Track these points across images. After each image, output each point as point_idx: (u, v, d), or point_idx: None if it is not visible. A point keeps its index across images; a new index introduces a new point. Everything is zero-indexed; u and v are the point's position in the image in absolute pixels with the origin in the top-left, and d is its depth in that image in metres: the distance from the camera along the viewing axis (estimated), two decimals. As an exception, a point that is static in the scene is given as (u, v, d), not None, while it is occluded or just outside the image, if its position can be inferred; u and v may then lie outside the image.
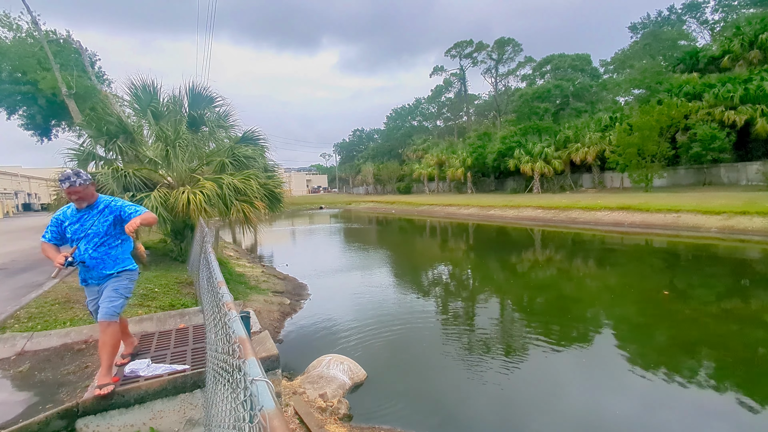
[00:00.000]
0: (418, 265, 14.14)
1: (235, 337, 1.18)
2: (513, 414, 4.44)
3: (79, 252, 3.19)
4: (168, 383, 3.16)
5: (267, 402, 0.71)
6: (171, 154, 8.25)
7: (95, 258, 3.21)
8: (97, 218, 3.24)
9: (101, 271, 3.25)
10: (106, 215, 3.26)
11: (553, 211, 23.80)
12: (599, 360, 5.57)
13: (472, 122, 67.61)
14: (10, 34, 19.84)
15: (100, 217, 3.24)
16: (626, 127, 28.28)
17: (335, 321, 7.46)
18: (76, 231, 3.22)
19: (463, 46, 61.44)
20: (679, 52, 37.23)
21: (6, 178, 39.61)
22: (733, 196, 19.11)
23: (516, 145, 38.43)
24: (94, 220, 3.23)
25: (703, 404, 4.42)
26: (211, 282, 2.85)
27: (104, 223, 3.24)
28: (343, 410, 4.32)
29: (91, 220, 3.23)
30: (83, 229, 3.22)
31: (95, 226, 3.22)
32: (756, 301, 7.73)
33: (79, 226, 3.22)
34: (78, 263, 3.20)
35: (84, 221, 3.24)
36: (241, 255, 14.87)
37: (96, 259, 3.22)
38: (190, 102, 8.88)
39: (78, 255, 3.19)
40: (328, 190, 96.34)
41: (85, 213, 3.25)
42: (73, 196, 3.14)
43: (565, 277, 10.77)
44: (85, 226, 3.22)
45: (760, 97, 24.79)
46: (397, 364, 5.71)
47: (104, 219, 3.25)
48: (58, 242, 3.26)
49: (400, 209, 40.38)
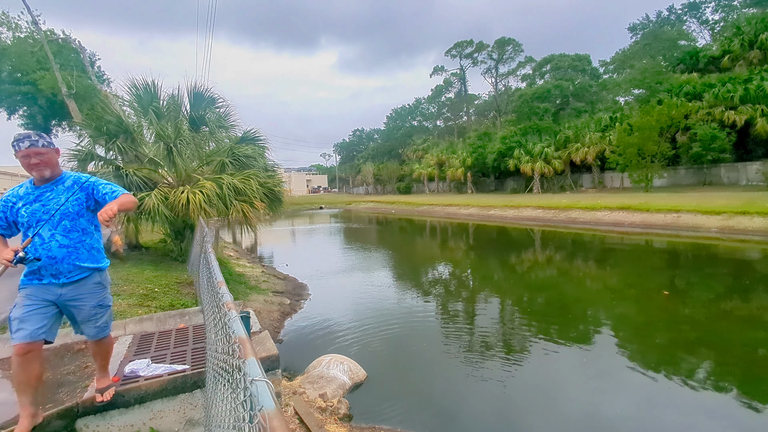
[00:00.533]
0: (418, 265, 14.14)
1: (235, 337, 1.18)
2: (513, 414, 4.43)
3: (35, 246, 2.35)
4: (168, 383, 3.16)
5: (267, 402, 0.71)
6: (174, 152, 8.25)
7: (65, 246, 2.44)
8: (64, 195, 2.46)
9: (73, 262, 2.46)
10: (76, 193, 2.50)
11: (553, 211, 23.80)
12: (599, 360, 5.57)
13: (472, 122, 67.61)
14: (10, 33, 19.84)
15: (68, 195, 2.47)
16: (626, 127, 28.27)
17: (335, 321, 7.45)
18: (35, 213, 2.40)
19: (463, 46, 61.45)
20: (679, 52, 37.22)
21: (6, 178, 39.61)
22: (733, 196, 19.11)
23: (516, 145, 38.43)
24: (61, 197, 2.45)
25: (702, 404, 4.42)
26: (211, 282, 2.85)
27: (75, 202, 2.49)
28: (343, 410, 4.32)
29: (56, 198, 2.45)
30: (46, 210, 2.40)
31: (64, 205, 2.44)
32: (756, 301, 7.73)
33: (40, 206, 2.41)
34: (32, 260, 2.32)
35: (47, 200, 2.43)
36: (241, 255, 14.87)
37: (67, 248, 2.44)
38: (192, 102, 8.88)
39: (32, 250, 2.34)
40: (328, 190, 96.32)
41: (47, 189, 2.46)
42: (33, 160, 2.34)
43: (565, 277, 10.77)
44: (49, 206, 2.42)
45: (760, 97, 24.79)
46: (397, 364, 5.71)
47: (74, 197, 2.49)
48: (5, 232, 2.44)
49: (400, 209, 40.38)
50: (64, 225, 2.43)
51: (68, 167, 8.09)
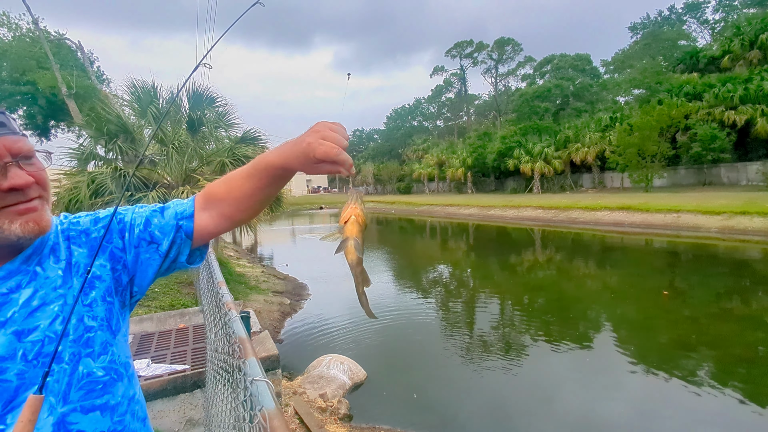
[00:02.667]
0: (418, 265, 14.14)
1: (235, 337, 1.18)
2: (513, 413, 4.43)
3: None
4: (168, 383, 3.16)
5: (267, 402, 0.71)
6: (172, 153, 8.25)
7: None
8: (63, 291, 0.72)
9: None
10: (104, 271, 0.78)
11: (553, 211, 23.79)
12: (599, 360, 5.57)
13: (472, 122, 67.61)
14: (10, 34, 19.86)
15: (73, 284, 0.73)
16: (626, 127, 28.27)
17: (335, 321, 7.45)
18: None
19: (463, 46, 61.48)
20: (679, 52, 37.23)
21: (6, 178, 39.54)
22: (733, 196, 19.10)
23: (516, 145, 38.43)
24: (54, 304, 0.70)
25: (702, 405, 4.41)
26: (211, 282, 2.85)
27: (97, 304, 0.75)
28: (343, 410, 4.32)
29: (50, 298, 0.70)
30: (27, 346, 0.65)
31: (74, 312, 0.71)
32: (756, 302, 7.73)
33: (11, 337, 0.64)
34: None
35: (24, 313, 0.67)
36: (241, 255, 14.87)
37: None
38: (191, 102, 8.88)
39: None
40: (329, 190, 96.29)
41: (20, 273, 0.69)
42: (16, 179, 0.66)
43: (566, 278, 10.76)
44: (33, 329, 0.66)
45: (761, 97, 24.78)
46: (397, 364, 5.71)
47: (98, 274, 0.77)
48: None
49: (400, 209, 40.38)
50: (84, 374, 0.70)
51: (69, 168, 8.09)
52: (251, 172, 0.81)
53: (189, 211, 0.85)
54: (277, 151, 0.79)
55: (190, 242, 0.86)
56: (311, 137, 0.73)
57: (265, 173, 0.80)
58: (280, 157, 0.77)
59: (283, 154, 0.77)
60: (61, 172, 8.02)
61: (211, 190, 0.87)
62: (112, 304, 0.78)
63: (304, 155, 0.73)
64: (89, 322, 0.72)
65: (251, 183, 0.81)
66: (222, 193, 0.84)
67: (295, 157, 0.75)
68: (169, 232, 0.83)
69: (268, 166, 0.79)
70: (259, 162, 0.81)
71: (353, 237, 0.80)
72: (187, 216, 0.85)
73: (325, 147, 0.71)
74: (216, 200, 0.85)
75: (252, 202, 0.84)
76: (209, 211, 0.85)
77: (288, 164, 0.77)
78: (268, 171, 0.80)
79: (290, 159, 0.76)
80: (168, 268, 0.87)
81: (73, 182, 7.74)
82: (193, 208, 0.86)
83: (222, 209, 0.85)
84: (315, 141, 0.72)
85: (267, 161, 0.79)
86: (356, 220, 0.80)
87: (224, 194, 0.84)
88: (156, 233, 0.82)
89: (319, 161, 0.73)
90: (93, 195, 7.15)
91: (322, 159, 0.72)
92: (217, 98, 9.13)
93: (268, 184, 0.82)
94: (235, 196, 0.83)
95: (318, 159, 0.72)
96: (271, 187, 0.83)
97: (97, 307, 0.75)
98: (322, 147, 0.71)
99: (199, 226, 0.85)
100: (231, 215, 0.85)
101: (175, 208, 0.86)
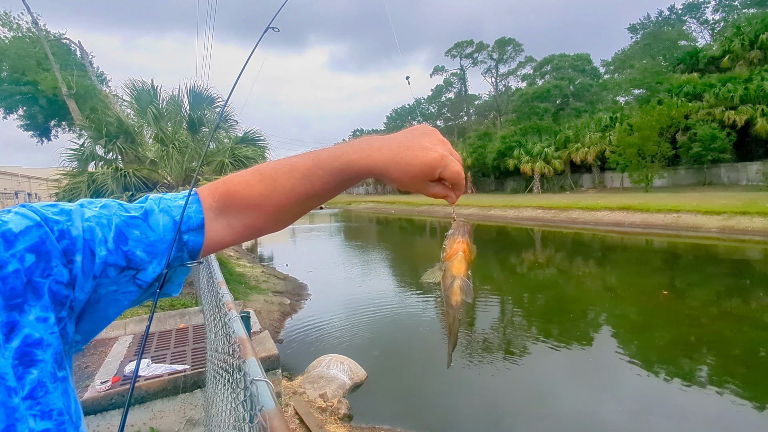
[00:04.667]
0: (418, 265, 14.14)
1: (235, 337, 1.18)
2: (513, 413, 4.43)
3: None
4: (168, 383, 3.16)
5: (267, 402, 0.71)
6: (172, 153, 8.25)
7: None
8: None
9: None
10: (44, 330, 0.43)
11: (553, 211, 23.79)
12: (599, 360, 5.57)
13: (472, 122, 67.62)
14: (10, 33, 19.86)
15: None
16: (626, 127, 28.27)
17: (335, 321, 7.45)
18: None
19: (463, 46, 61.48)
20: (679, 52, 37.24)
21: (6, 178, 39.64)
22: (733, 196, 19.10)
23: (516, 145, 38.45)
24: None
25: (702, 405, 4.41)
26: (211, 282, 2.85)
27: (46, 390, 0.43)
28: (343, 410, 4.32)
29: None
30: None
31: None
32: (756, 301, 7.73)
33: None
34: None
35: None
36: (241, 255, 14.87)
37: None
38: (191, 102, 8.89)
39: None
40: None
41: None
42: None
43: (566, 278, 10.76)
44: None
45: (761, 97, 24.78)
46: (397, 364, 5.71)
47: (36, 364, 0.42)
48: None
49: (400, 209, 40.37)
50: None
51: (69, 168, 8.09)
52: (314, 171, 0.56)
53: (197, 220, 0.57)
54: (367, 151, 0.55)
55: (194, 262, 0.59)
56: (442, 148, 0.54)
57: (340, 176, 0.56)
58: (376, 159, 0.54)
59: (383, 157, 0.54)
60: (61, 172, 8.02)
61: (236, 188, 0.59)
62: (65, 379, 0.45)
63: (431, 169, 0.54)
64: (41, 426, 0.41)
65: (311, 187, 0.57)
66: (257, 196, 0.58)
67: (407, 167, 0.53)
68: (163, 252, 0.55)
69: (349, 168, 0.55)
70: (331, 160, 0.56)
71: (461, 276, 0.68)
72: (194, 227, 0.57)
73: (457, 168, 0.55)
74: (244, 205, 0.58)
75: (297, 212, 0.62)
76: (228, 219, 0.59)
77: (389, 172, 0.54)
78: (347, 174, 0.56)
79: (396, 167, 0.54)
80: (138, 302, 0.57)
81: (72, 182, 7.75)
82: (202, 213, 0.58)
83: (249, 219, 0.59)
84: (448, 155, 0.54)
85: (349, 161, 0.55)
86: (464, 257, 0.67)
87: (261, 198, 0.58)
88: (137, 254, 0.52)
89: (439, 181, 0.55)
90: (93, 195, 7.15)
91: (450, 180, 0.55)
92: (217, 98, 9.13)
93: (335, 189, 0.59)
94: (278, 202, 0.58)
95: (444, 178, 0.55)
96: (334, 194, 0.60)
97: (48, 395, 0.42)
98: (455, 166, 0.55)
99: (211, 240, 0.58)
100: (262, 226, 0.61)
101: (169, 212, 0.56)
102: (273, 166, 0.59)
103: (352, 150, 0.56)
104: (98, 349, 4.09)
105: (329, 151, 0.57)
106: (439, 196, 0.57)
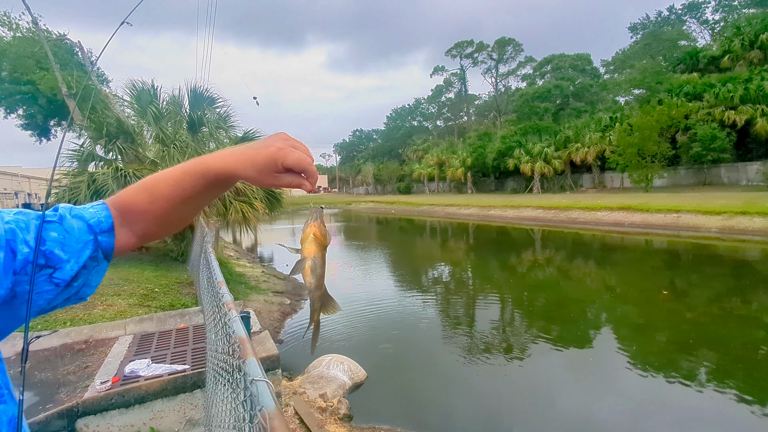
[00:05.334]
0: (418, 265, 14.14)
1: (235, 337, 1.18)
2: (513, 413, 4.43)
3: None
4: (168, 383, 3.16)
5: (267, 402, 0.71)
6: (172, 153, 8.26)
7: None
8: None
9: None
10: None
11: (553, 211, 23.80)
12: (598, 360, 5.57)
13: (472, 122, 67.65)
14: (10, 33, 19.87)
15: None
16: (626, 127, 28.29)
17: (335, 321, 7.45)
18: None
19: (463, 46, 61.53)
20: (679, 52, 37.25)
21: (6, 178, 39.63)
22: (733, 196, 19.10)
23: (516, 145, 38.46)
24: None
25: (702, 405, 4.41)
26: (211, 282, 2.85)
27: None
28: (343, 410, 4.32)
29: None
30: None
31: None
32: (756, 301, 7.73)
33: None
34: None
35: None
36: (241, 255, 14.87)
37: None
38: (191, 102, 8.90)
39: None
40: (329, 190, 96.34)
41: None
42: None
43: (565, 278, 10.77)
44: None
45: (761, 97, 24.79)
46: (397, 364, 5.71)
47: None
48: None
49: (400, 209, 40.37)
50: None
51: (69, 168, 8.09)
52: (183, 178, 0.65)
53: (108, 223, 0.64)
54: (222, 155, 0.65)
55: (107, 264, 0.66)
56: (280, 143, 0.64)
57: (203, 180, 0.64)
58: (227, 161, 0.64)
59: (233, 158, 0.64)
60: (61, 172, 8.03)
61: (127, 199, 0.66)
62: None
63: (272, 160, 0.63)
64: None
65: (182, 192, 0.65)
66: (144, 204, 0.65)
67: (252, 163, 0.63)
68: (80, 250, 0.60)
69: (208, 171, 0.64)
70: (194, 167, 0.65)
71: (311, 257, 0.73)
72: (106, 229, 0.64)
73: (298, 155, 0.64)
74: (135, 212, 0.66)
75: (179, 216, 0.69)
76: (128, 226, 0.66)
77: (238, 171, 0.64)
78: (207, 178, 0.64)
79: (243, 165, 0.64)
80: (55, 306, 0.62)
81: (72, 182, 7.75)
82: (112, 218, 0.65)
83: (142, 225, 0.67)
84: (286, 147, 0.64)
85: (207, 165, 0.64)
86: (315, 239, 0.74)
87: (147, 205, 0.65)
88: (56, 252, 0.57)
89: (287, 169, 0.64)
90: (93, 195, 7.16)
91: (293, 167, 0.64)
92: (217, 99, 9.14)
93: (205, 192, 0.67)
94: (161, 208, 0.66)
95: (287, 166, 0.63)
96: (208, 197, 0.69)
97: None
98: (294, 154, 0.63)
99: (118, 243, 0.66)
100: (152, 233, 0.69)
101: (82, 217, 0.63)
102: (154, 177, 0.67)
103: (211, 157, 0.65)
104: (98, 349, 4.09)
105: (195, 160, 0.66)
106: (293, 185, 0.65)
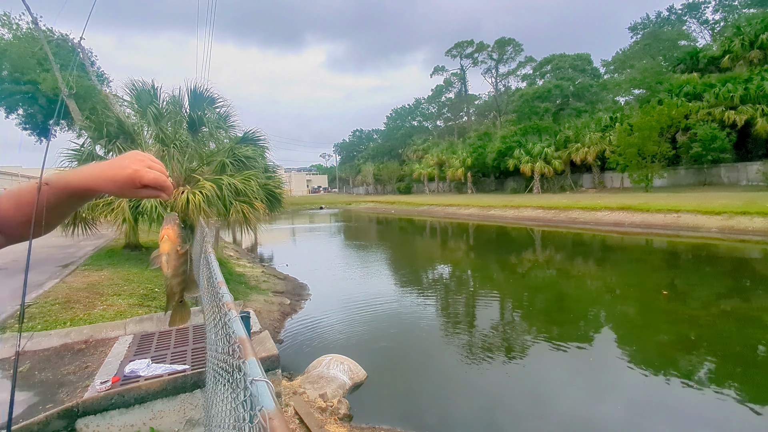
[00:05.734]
0: (418, 265, 14.14)
1: (235, 337, 1.18)
2: (513, 413, 4.43)
3: None
4: (168, 383, 3.16)
5: (267, 402, 0.71)
6: (172, 152, 8.26)
7: None
8: None
9: None
10: None
11: (553, 211, 23.79)
12: (598, 360, 5.57)
13: (472, 122, 67.61)
14: (10, 33, 19.87)
15: None
16: (626, 127, 28.28)
17: (335, 321, 7.45)
18: None
19: (463, 46, 61.49)
20: (679, 52, 37.23)
21: (6, 178, 39.61)
22: (733, 196, 19.10)
23: (516, 145, 38.45)
24: None
25: (702, 405, 4.41)
26: (211, 282, 2.85)
27: None
28: (343, 410, 4.32)
29: None
30: None
31: None
32: (756, 301, 7.73)
33: None
34: None
35: None
36: (241, 255, 14.87)
37: None
38: (191, 102, 8.89)
39: None
40: (329, 190, 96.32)
41: None
42: None
43: (565, 278, 10.76)
44: None
45: (761, 97, 24.78)
46: (397, 364, 5.71)
47: None
48: None
49: (400, 209, 40.37)
50: None
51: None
52: (46, 189, 0.73)
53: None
54: (83, 174, 0.75)
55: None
56: (137, 165, 0.75)
57: (64, 192, 0.74)
58: (88, 180, 0.74)
59: (93, 177, 0.74)
60: None
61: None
62: None
63: (130, 180, 0.74)
64: None
65: (45, 202, 0.73)
66: (10, 210, 0.73)
67: (113, 182, 0.74)
68: None
69: (68, 186, 0.74)
70: (57, 181, 0.74)
71: (165, 252, 0.95)
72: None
73: (154, 174, 0.76)
74: (3, 218, 0.74)
75: (45, 221, 0.75)
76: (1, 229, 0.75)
77: (99, 187, 0.75)
78: (68, 190, 0.74)
79: (105, 183, 0.75)
80: None
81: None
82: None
83: (11, 228, 0.75)
84: (142, 168, 0.75)
85: (68, 182, 0.74)
86: (168, 239, 0.95)
87: (13, 212, 0.74)
88: None
89: (144, 187, 0.76)
90: (93, 195, 7.14)
91: (150, 185, 0.76)
92: (217, 99, 9.14)
93: (67, 204, 0.77)
94: (27, 214, 0.72)
95: (144, 185, 0.75)
96: (70, 207, 0.79)
97: None
98: (150, 174, 0.75)
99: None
100: (23, 232, 0.76)
101: None
102: (21, 188, 0.75)
103: (73, 173, 0.75)
104: (98, 349, 4.09)
105: (59, 174, 0.75)
106: (151, 196, 0.78)
